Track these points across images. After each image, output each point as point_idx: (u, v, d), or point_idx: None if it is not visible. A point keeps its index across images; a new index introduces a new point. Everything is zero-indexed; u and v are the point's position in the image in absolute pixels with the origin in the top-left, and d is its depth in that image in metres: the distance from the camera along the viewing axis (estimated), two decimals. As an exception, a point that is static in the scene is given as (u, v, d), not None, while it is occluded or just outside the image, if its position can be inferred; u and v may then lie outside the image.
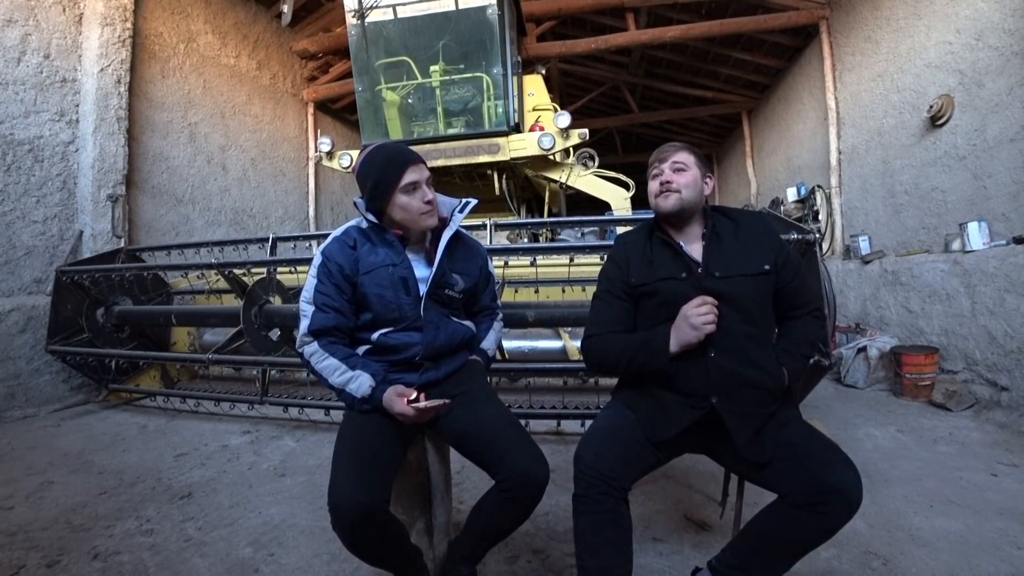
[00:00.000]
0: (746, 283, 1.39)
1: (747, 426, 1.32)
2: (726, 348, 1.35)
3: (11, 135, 3.88)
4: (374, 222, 1.52)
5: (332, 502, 1.23)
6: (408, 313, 1.49)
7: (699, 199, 1.46)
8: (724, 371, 1.34)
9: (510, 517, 1.39)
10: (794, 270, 1.47)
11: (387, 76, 4.84)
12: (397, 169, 1.46)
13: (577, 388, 3.21)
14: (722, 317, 1.34)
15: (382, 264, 1.49)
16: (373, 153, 1.50)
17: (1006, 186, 3.48)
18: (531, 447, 1.38)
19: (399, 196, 1.47)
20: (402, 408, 1.36)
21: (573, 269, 3.04)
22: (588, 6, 6.15)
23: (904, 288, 4.14)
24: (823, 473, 1.21)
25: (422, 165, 1.50)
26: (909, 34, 4.44)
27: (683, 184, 1.43)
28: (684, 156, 1.46)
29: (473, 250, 1.67)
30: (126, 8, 4.58)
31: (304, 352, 1.47)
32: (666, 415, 1.38)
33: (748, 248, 1.44)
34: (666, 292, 1.42)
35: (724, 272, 1.39)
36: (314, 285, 1.48)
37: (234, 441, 3.03)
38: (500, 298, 1.92)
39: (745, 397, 1.34)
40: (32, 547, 1.87)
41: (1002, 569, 1.65)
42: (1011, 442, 2.75)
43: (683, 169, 1.45)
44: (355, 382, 1.41)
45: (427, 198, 1.48)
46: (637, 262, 1.49)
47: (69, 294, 3.70)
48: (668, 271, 1.43)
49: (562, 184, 5.17)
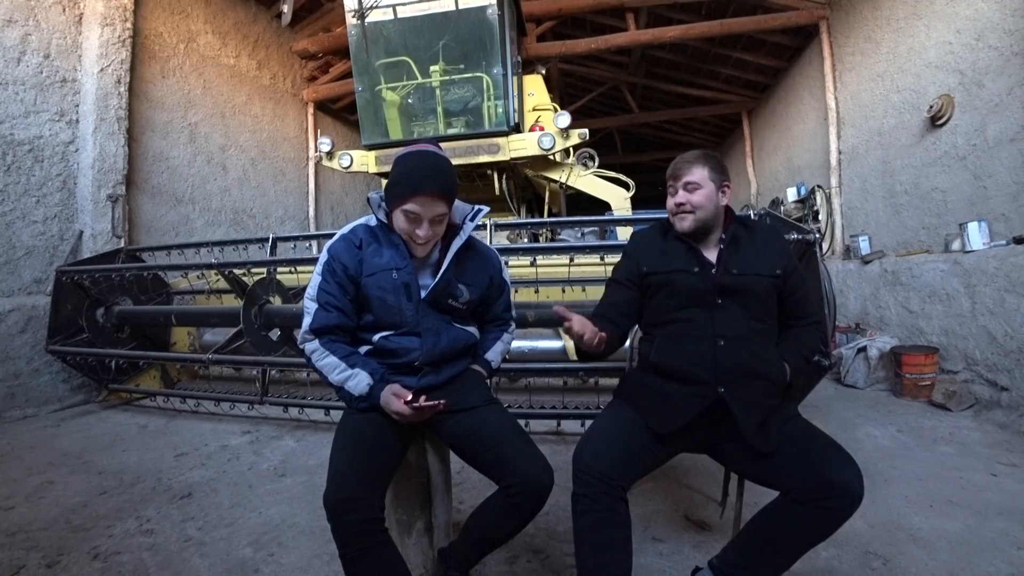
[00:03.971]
0: (759, 281, 1.45)
1: (754, 416, 1.34)
2: (734, 338, 1.40)
3: (11, 135, 3.88)
4: (383, 221, 1.51)
5: (328, 497, 1.22)
6: (408, 318, 1.47)
7: (715, 213, 1.49)
8: (731, 360, 1.37)
9: (513, 522, 1.38)
10: (800, 281, 1.54)
11: (387, 76, 4.84)
12: (406, 190, 1.40)
13: (577, 388, 3.21)
14: (733, 311, 1.42)
15: (386, 268, 1.47)
16: (406, 158, 1.44)
17: (1006, 186, 3.48)
18: (536, 453, 1.37)
19: (398, 214, 1.43)
20: (398, 407, 1.35)
21: (573, 269, 3.04)
22: (588, 6, 6.14)
23: (904, 288, 4.14)
24: (825, 468, 1.23)
25: (438, 201, 1.40)
26: (909, 34, 4.44)
27: (697, 204, 1.47)
28: (697, 174, 1.48)
29: (484, 259, 1.61)
30: (126, 8, 4.58)
31: (306, 349, 1.47)
32: (672, 406, 1.39)
33: (762, 253, 1.50)
34: (677, 283, 1.47)
35: (740, 270, 1.46)
36: (318, 283, 1.47)
37: (234, 441, 3.03)
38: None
39: (751, 387, 1.37)
40: (32, 547, 1.87)
41: (1002, 569, 1.65)
42: (1011, 442, 2.75)
43: (696, 188, 1.47)
44: (353, 380, 1.40)
45: (421, 232, 1.41)
46: (650, 252, 1.55)
47: (69, 294, 3.70)
48: (681, 264, 1.49)
49: (562, 184, 5.17)
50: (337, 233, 1.54)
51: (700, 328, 1.42)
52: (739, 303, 1.43)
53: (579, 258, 2.97)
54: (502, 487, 1.35)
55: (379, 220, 1.52)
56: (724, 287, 1.43)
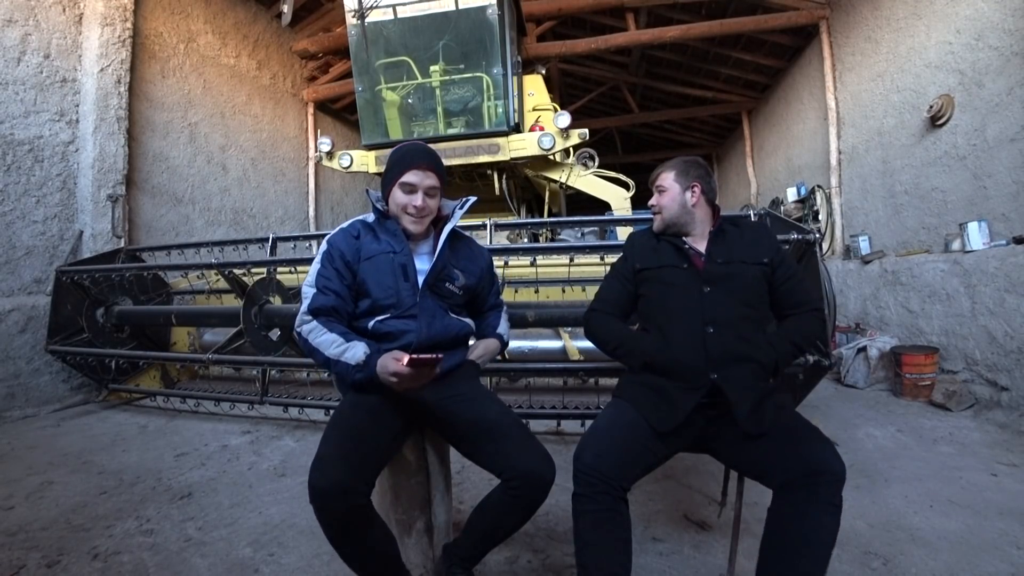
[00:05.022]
0: (745, 268, 1.55)
1: (747, 399, 1.39)
2: (723, 324, 1.47)
3: (11, 135, 3.88)
4: (380, 212, 1.58)
5: (311, 481, 1.22)
6: (405, 300, 1.50)
7: (682, 211, 1.62)
8: (721, 345, 1.45)
9: (515, 516, 1.39)
10: (790, 271, 1.60)
11: (387, 76, 4.84)
12: (402, 165, 1.52)
13: (577, 388, 3.21)
14: (720, 298, 1.50)
15: (383, 251, 1.53)
16: (399, 146, 1.60)
17: (1006, 186, 3.48)
18: (537, 445, 1.39)
19: (395, 190, 1.54)
20: (396, 367, 1.31)
21: (573, 269, 3.04)
22: (588, 6, 6.14)
23: (904, 288, 4.14)
24: (806, 453, 1.28)
25: (431, 172, 1.53)
26: (909, 34, 4.44)
27: (664, 205, 1.64)
28: (664, 178, 1.65)
29: (476, 253, 1.72)
30: (126, 8, 4.58)
31: (302, 331, 1.47)
32: (670, 402, 1.43)
33: (750, 244, 1.60)
34: (666, 277, 1.59)
35: (726, 259, 1.55)
36: (317, 269, 1.53)
37: (234, 441, 3.03)
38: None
39: (742, 371, 1.43)
40: (32, 547, 1.87)
41: (1002, 569, 1.65)
42: (1011, 442, 2.75)
43: (663, 191, 1.65)
44: (351, 351, 1.40)
45: (416, 203, 1.52)
46: (643, 251, 1.68)
47: (69, 294, 3.70)
48: (670, 260, 1.60)
49: (562, 184, 5.17)
50: (337, 227, 1.61)
51: (690, 316, 1.51)
52: (726, 290, 1.51)
53: (579, 258, 2.98)
54: (504, 480, 1.35)
55: (377, 212, 1.60)
56: (710, 275, 1.53)
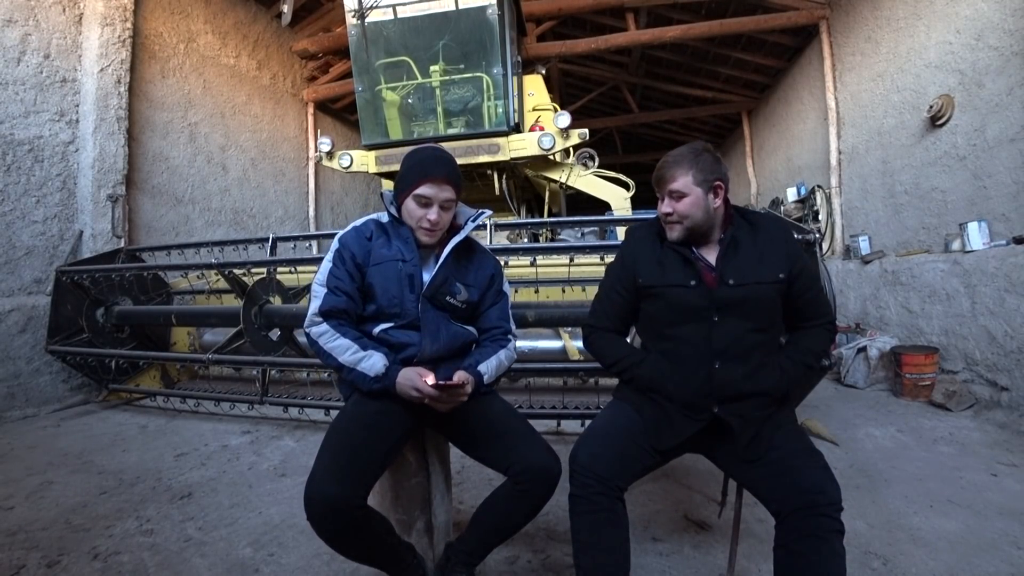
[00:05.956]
0: (760, 290, 1.37)
1: (748, 430, 1.33)
2: (732, 358, 1.35)
3: (11, 135, 3.88)
4: (395, 216, 1.55)
5: (306, 494, 1.22)
6: (409, 310, 1.49)
7: (707, 216, 1.40)
8: (728, 381, 1.34)
9: (522, 511, 1.39)
10: (810, 281, 1.44)
11: (387, 76, 4.84)
12: (416, 176, 1.47)
13: (577, 388, 3.21)
14: (731, 327, 1.35)
15: (392, 258, 1.50)
16: (415, 151, 1.54)
17: (1006, 186, 3.48)
18: (541, 441, 1.39)
19: (409, 201, 1.49)
20: (421, 384, 1.32)
21: (573, 269, 3.04)
22: (588, 6, 6.14)
23: (904, 288, 4.14)
24: (801, 482, 1.21)
25: (447, 185, 1.47)
26: (909, 34, 4.44)
27: (684, 213, 1.39)
28: (680, 181, 1.38)
29: (485, 264, 1.63)
30: (126, 8, 4.58)
31: (312, 332, 1.45)
32: (671, 424, 1.38)
33: (765, 255, 1.40)
34: (672, 298, 1.40)
35: (738, 280, 1.36)
36: (329, 268, 1.50)
37: (234, 441, 3.03)
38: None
39: (746, 406, 1.34)
40: (32, 547, 1.87)
41: (1002, 569, 1.65)
42: (1011, 442, 2.75)
43: (682, 196, 1.39)
44: (368, 361, 1.39)
45: (431, 217, 1.47)
46: (646, 261, 1.47)
47: (69, 294, 3.70)
48: (678, 277, 1.40)
49: (562, 184, 5.17)
50: (350, 224, 1.59)
51: (696, 347, 1.36)
52: (738, 316, 1.35)
53: (579, 258, 2.97)
54: (510, 476, 1.35)
55: (391, 215, 1.57)
56: (721, 301, 1.35)
